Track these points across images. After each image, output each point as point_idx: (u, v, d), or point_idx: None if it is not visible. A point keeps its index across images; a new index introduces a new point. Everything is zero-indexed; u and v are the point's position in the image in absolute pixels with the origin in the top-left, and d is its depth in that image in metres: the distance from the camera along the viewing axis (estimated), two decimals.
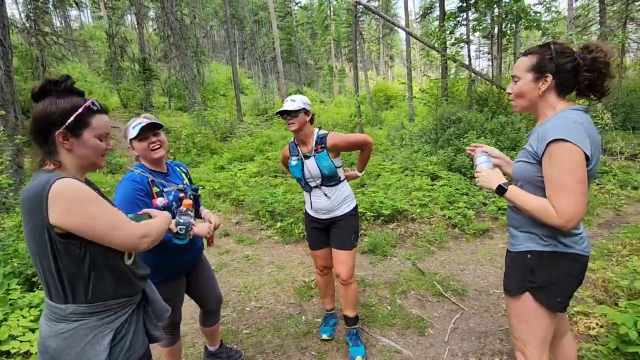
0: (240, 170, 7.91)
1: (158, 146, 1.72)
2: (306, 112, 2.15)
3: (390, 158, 7.55)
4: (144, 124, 1.66)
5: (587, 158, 1.20)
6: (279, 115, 2.13)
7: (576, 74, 1.30)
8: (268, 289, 3.30)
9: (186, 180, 1.89)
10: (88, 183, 1.18)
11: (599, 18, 13.40)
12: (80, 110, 1.04)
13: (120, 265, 1.12)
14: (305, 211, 2.44)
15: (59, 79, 1.05)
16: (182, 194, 1.74)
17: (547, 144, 1.22)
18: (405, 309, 2.89)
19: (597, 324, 2.35)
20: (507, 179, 1.49)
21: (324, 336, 2.52)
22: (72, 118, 1.03)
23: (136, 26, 19.09)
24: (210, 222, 1.84)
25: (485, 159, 1.52)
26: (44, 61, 12.80)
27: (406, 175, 6.26)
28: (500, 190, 1.38)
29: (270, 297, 3.16)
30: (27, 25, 12.91)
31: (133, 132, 1.67)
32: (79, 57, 20.29)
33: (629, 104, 10.35)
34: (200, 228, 1.75)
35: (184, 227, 1.48)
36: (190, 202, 1.54)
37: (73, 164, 1.09)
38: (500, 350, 2.35)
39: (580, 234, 1.34)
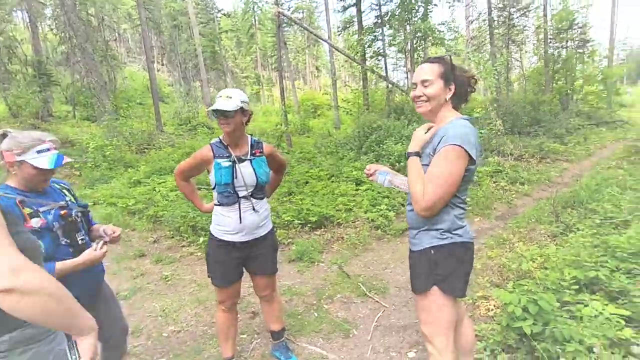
0: (160, 184, 7.29)
1: (48, 179, 1.54)
2: (243, 111, 1.91)
3: (317, 165, 7.70)
4: (53, 152, 1.45)
5: (473, 162, 1.39)
6: (213, 113, 1.84)
7: (461, 87, 1.51)
8: (189, 310, 3.07)
9: (70, 197, 1.65)
10: None
11: (489, 39, 15.59)
12: None
13: None
14: (217, 238, 2.02)
15: None
16: (63, 211, 1.52)
17: (444, 146, 1.38)
18: (331, 313, 2.93)
19: (494, 306, 2.66)
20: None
21: None
22: None
23: (29, 24, 16.65)
24: (106, 234, 1.67)
25: (383, 173, 1.77)
26: None
27: (332, 181, 6.43)
28: (408, 156, 1.51)
29: (191, 319, 2.94)
30: None
31: (39, 161, 1.42)
32: None
33: (515, 112, 12.13)
34: (82, 256, 1.50)
35: None
36: None
37: None
38: (417, 341, 2.51)
39: (464, 225, 1.52)
